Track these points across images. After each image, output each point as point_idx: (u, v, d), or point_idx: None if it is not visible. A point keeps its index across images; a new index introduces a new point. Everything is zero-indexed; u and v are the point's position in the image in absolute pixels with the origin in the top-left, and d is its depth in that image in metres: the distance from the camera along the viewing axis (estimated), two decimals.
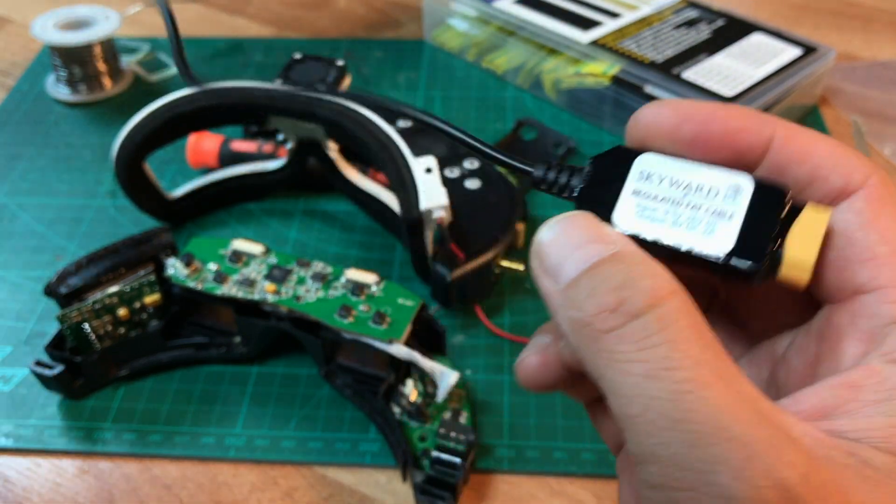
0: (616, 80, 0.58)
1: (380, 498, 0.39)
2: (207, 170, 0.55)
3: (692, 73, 0.57)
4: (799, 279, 0.21)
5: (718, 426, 0.18)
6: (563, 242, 0.21)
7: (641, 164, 0.22)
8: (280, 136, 0.54)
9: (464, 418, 0.39)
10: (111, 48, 0.64)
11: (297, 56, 0.60)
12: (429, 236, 0.45)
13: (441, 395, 0.39)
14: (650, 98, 0.57)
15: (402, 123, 0.49)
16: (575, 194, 0.23)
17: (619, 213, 0.22)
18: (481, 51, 0.67)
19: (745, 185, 0.21)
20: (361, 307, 0.40)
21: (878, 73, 0.68)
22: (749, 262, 0.20)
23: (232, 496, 0.39)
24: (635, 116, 0.23)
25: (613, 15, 0.64)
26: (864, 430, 0.19)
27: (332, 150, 0.50)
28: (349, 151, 0.51)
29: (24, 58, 0.69)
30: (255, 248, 0.43)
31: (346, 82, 0.59)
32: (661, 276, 0.20)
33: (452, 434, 0.38)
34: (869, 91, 0.66)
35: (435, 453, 0.38)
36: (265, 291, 0.41)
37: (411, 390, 0.39)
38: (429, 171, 0.45)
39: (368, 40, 0.71)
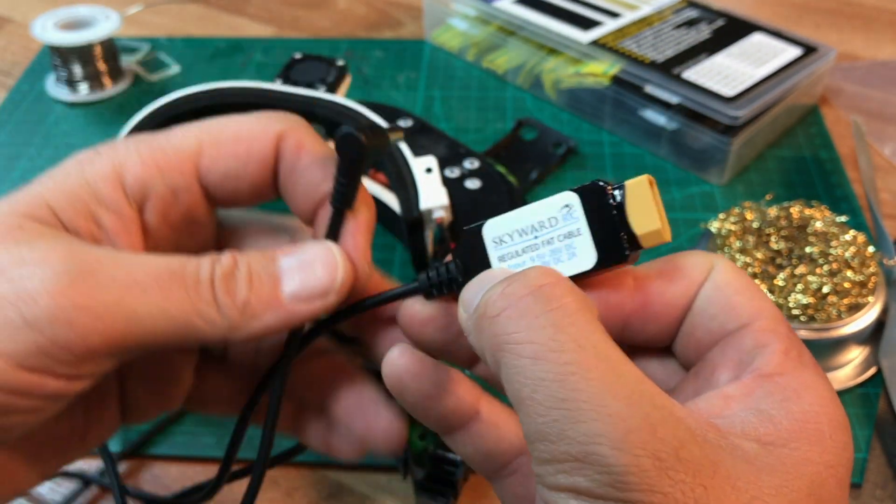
0: (616, 80, 0.58)
1: (380, 498, 0.39)
2: None
3: (692, 73, 0.57)
4: (660, 241, 0.23)
5: (600, 404, 0.20)
6: (476, 284, 0.24)
7: (488, 233, 0.25)
8: None
9: None
10: (111, 48, 0.64)
11: (297, 56, 0.60)
12: (429, 236, 0.45)
13: None
14: (650, 98, 0.57)
15: (403, 123, 0.49)
16: (462, 286, 0.26)
17: None
18: (481, 51, 0.67)
19: (572, 201, 0.24)
20: None
21: (878, 73, 0.68)
22: (617, 260, 0.23)
23: (232, 496, 0.39)
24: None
25: (613, 15, 0.64)
26: (736, 425, 0.22)
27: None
28: None
29: (25, 58, 0.69)
30: None
31: (347, 82, 0.59)
32: (548, 271, 0.22)
33: None
34: (869, 91, 0.66)
35: (437, 451, 0.38)
36: None
37: None
38: (429, 171, 0.45)
39: (368, 40, 0.71)
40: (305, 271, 0.26)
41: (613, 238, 0.23)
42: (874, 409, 0.42)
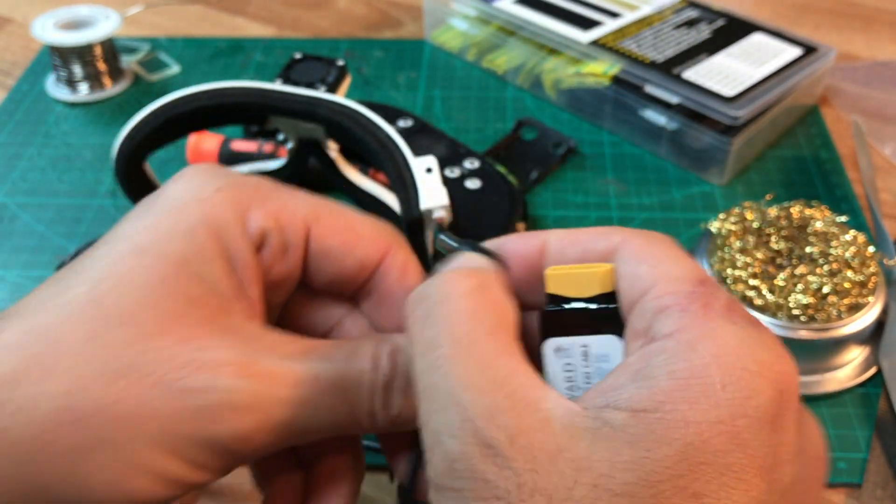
0: (616, 80, 0.58)
1: (380, 498, 0.39)
2: None
3: (692, 73, 0.57)
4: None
5: (452, 394, 0.20)
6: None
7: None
8: (280, 136, 0.54)
9: None
10: (111, 48, 0.64)
11: (297, 56, 0.60)
12: (429, 236, 0.45)
13: None
14: (650, 98, 0.57)
15: (403, 123, 0.49)
16: None
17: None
18: (481, 51, 0.67)
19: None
20: None
21: (878, 73, 0.68)
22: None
23: (232, 496, 0.39)
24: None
25: (613, 15, 0.64)
26: (619, 397, 0.20)
27: (332, 149, 0.50)
28: (349, 151, 0.51)
29: (25, 58, 0.69)
30: None
31: (347, 82, 0.59)
32: (463, 272, 0.23)
33: None
34: (869, 91, 0.66)
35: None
36: None
37: None
38: (429, 170, 0.45)
39: (368, 40, 0.71)
40: None
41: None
42: (874, 410, 0.42)
